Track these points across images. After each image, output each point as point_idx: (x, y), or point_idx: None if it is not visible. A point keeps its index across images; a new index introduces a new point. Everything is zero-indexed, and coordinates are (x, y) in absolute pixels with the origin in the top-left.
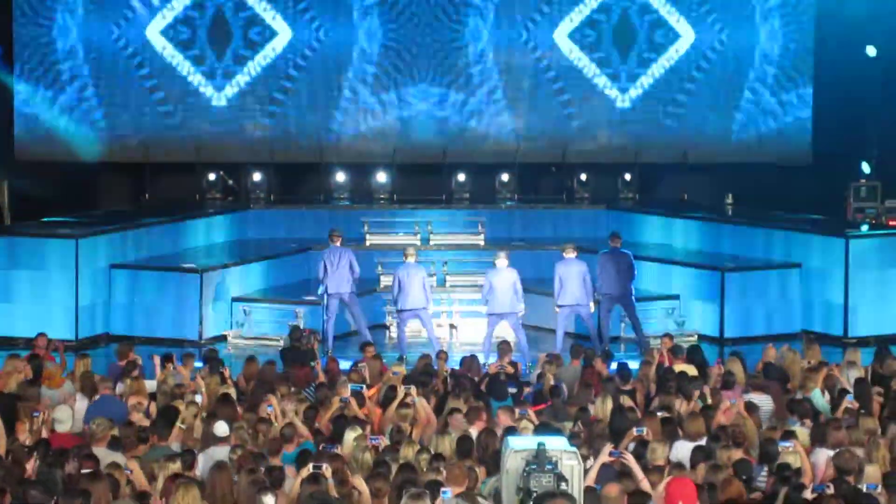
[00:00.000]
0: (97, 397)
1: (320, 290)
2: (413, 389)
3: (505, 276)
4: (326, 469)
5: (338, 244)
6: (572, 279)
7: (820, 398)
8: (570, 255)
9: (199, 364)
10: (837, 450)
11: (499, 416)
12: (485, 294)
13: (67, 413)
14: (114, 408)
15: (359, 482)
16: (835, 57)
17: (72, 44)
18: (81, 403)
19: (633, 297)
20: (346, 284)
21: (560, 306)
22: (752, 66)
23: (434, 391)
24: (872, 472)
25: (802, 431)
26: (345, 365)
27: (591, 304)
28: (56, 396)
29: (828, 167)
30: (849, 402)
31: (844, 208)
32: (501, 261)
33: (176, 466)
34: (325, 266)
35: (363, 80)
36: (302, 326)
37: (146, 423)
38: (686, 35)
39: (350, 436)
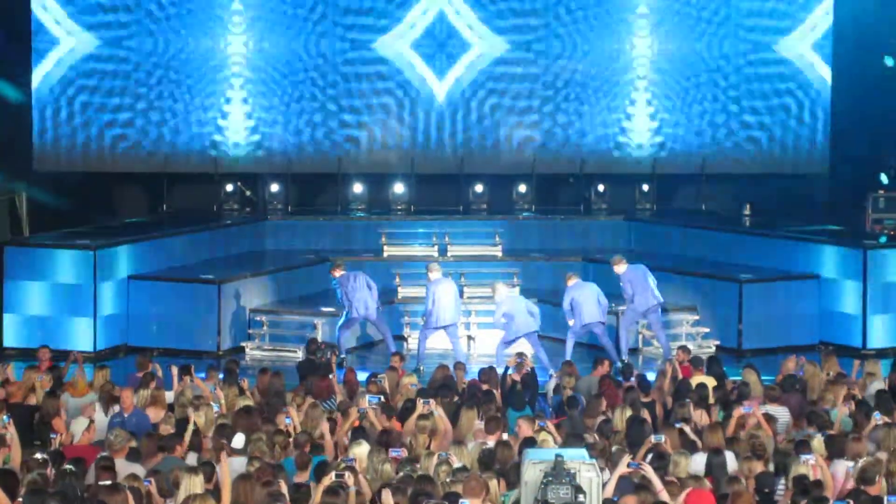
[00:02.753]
0: (116, 408)
1: (349, 316)
2: (432, 402)
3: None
4: (349, 478)
5: (340, 273)
6: (588, 302)
7: (835, 411)
8: (574, 280)
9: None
10: (857, 461)
11: (519, 425)
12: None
13: (83, 425)
14: (139, 420)
15: (386, 497)
16: (853, 67)
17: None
18: (100, 414)
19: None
20: (372, 305)
21: (580, 326)
22: (770, 77)
23: (453, 402)
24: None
25: (819, 442)
26: (362, 376)
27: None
28: (79, 405)
29: (846, 178)
30: (876, 419)
31: (863, 219)
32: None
33: (199, 479)
34: (346, 293)
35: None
36: (319, 338)
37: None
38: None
39: (359, 450)
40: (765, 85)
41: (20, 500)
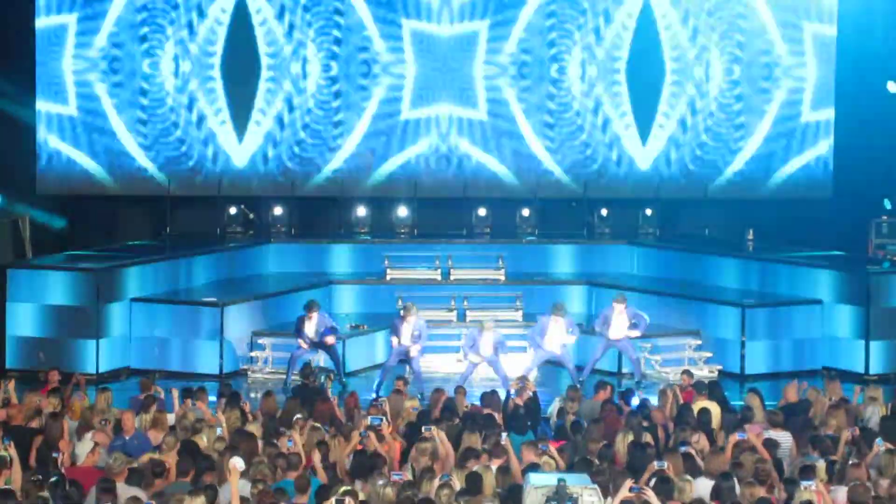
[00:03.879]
0: (88, 435)
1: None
2: (434, 429)
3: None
4: (349, 502)
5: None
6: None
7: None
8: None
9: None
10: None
11: (522, 452)
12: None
13: (87, 447)
14: (141, 443)
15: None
16: (856, 93)
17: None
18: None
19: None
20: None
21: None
22: (774, 101)
23: (455, 426)
24: None
25: (821, 467)
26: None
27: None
28: (74, 428)
29: (849, 203)
30: (878, 445)
31: (865, 245)
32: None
33: (200, 501)
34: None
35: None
36: (314, 364)
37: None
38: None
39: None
40: (768, 110)
41: None
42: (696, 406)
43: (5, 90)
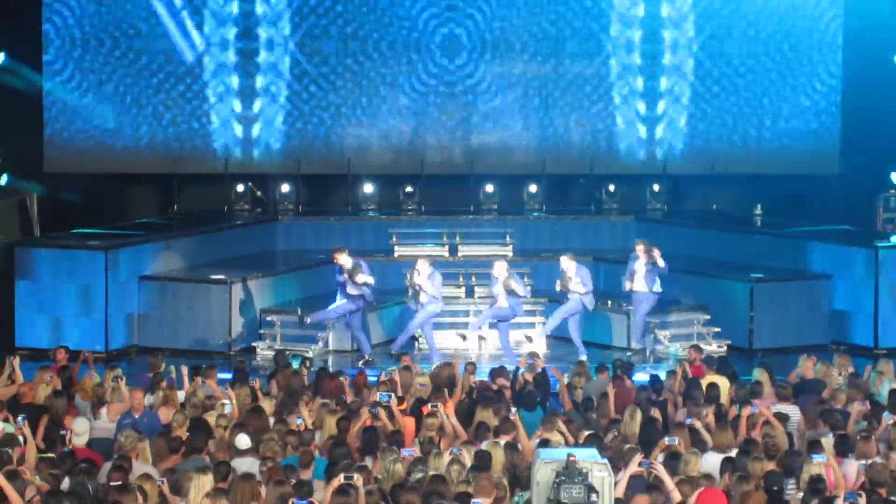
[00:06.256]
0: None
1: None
2: (440, 406)
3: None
4: (357, 479)
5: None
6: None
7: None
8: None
9: (227, 375)
10: (867, 461)
11: (540, 428)
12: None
13: (85, 426)
14: (151, 421)
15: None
16: (863, 66)
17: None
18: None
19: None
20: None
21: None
22: (781, 75)
23: (464, 402)
24: None
25: (828, 442)
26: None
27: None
28: (87, 407)
29: (857, 177)
30: (887, 419)
31: (874, 219)
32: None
33: (208, 478)
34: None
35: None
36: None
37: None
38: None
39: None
40: (776, 85)
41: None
42: (706, 381)
43: (12, 66)
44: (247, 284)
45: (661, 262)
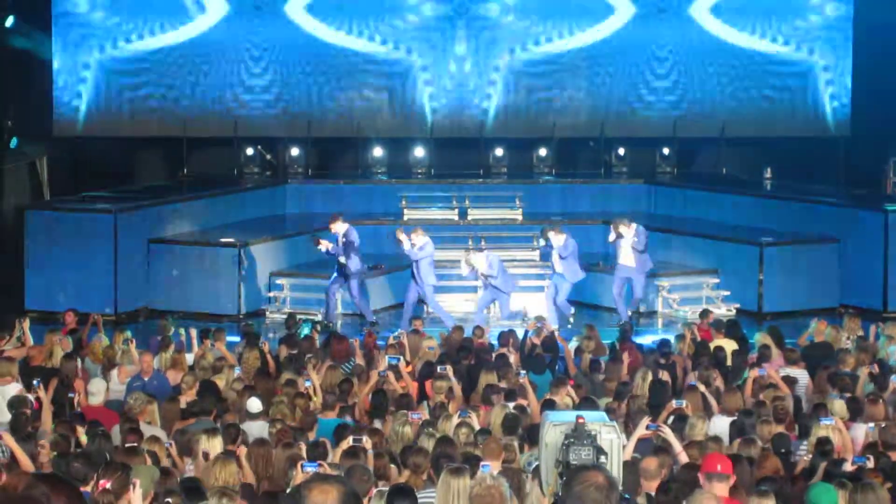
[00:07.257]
0: (113, 374)
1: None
2: (448, 368)
3: None
4: (367, 442)
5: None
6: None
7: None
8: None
9: (235, 338)
10: (875, 424)
11: (551, 390)
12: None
13: (101, 386)
14: (160, 383)
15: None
16: (874, 31)
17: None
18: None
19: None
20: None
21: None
22: (793, 39)
23: (470, 365)
24: None
25: (840, 404)
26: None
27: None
28: (99, 371)
29: (866, 141)
30: (894, 382)
31: (883, 182)
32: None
33: (217, 441)
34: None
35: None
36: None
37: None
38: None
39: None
40: (787, 47)
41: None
42: (714, 345)
43: (22, 30)
44: (256, 248)
45: (624, 234)
